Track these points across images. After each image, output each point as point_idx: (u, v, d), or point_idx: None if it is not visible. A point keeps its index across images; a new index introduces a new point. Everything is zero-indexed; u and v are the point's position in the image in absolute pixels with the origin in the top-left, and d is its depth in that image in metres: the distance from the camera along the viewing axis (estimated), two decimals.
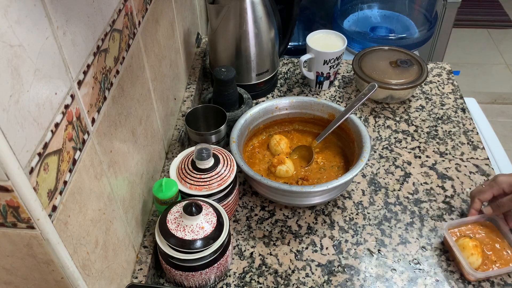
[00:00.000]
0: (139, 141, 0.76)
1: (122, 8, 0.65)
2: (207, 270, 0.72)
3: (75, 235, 0.52)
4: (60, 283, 0.52)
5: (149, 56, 0.79)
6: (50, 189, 0.46)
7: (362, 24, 1.55)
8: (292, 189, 0.80)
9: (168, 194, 0.75)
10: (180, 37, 1.03)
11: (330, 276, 0.78)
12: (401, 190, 0.92)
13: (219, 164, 0.80)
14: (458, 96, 1.14)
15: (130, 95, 0.70)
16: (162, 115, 0.89)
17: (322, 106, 0.96)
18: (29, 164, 0.42)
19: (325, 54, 1.07)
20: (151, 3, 0.79)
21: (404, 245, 0.83)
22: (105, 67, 0.60)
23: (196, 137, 0.91)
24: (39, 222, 0.44)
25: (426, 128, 1.05)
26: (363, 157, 0.83)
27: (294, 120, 0.99)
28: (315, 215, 0.88)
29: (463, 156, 0.99)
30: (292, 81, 1.19)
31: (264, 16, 1.03)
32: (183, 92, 1.08)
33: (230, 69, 0.97)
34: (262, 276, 0.78)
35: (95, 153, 0.57)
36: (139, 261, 0.75)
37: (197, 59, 1.19)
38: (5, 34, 0.38)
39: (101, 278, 0.60)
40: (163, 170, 0.91)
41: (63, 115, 0.49)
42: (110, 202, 0.63)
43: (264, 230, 0.85)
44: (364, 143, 0.86)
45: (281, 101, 0.97)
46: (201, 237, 0.69)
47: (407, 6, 1.58)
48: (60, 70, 0.48)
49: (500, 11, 3.20)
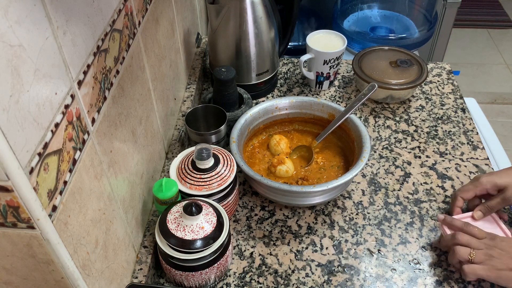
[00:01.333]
0: (139, 141, 0.76)
1: (122, 8, 0.65)
2: (207, 270, 0.72)
3: (75, 235, 0.52)
4: (60, 283, 0.52)
5: (149, 56, 0.79)
6: (50, 189, 0.46)
7: (362, 24, 1.55)
8: (292, 189, 0.80)
9: (168, 194, 0.75)
10: (180, 37, 1.03)
11: (330, 276, 0.78)
12: (401, 190, 0.92)
13: (219, 164, 0.80)
14: (458, 96, 1.14)
15: (130, 95, 0.70)
16: (162, 115, 0.89)
17: (322, 106, 0.96)
18: (29, 164, 0.42)
19: (325, 54, 1.07)
20: (151, 3, 0.79)
21: (404, 245, 0.83)
22: (105, 67, 0.60)
23: (196, 137, 0.91)
24: (39, 222, 0.44)
25: (426, 128, 1.05)
26: (363, 157, 0.83)
27: (294, 120, 0.99)
28: (315, 215, 0.88)
29: (463, 156, 0.99)
30: (292, 81, 1.19)
31: (264, 16, 1.03)
32: (183, 92, 1.08)
33: (230, 69, 0.97)
34: (262, 276, 0.78)
35: (95, 153, 0.57)
36: (139, 261, 0.75)
37: (197, 59, 1.19)
38: (5, 34, 0.38)
39: (101, 278, 0.60)
40: (163, 170, 0.91)
41: (63, 115, 0.49)
42: (110, 202, 0.63)
43: (264, 230, 0.85)
44: (364, 143, 0.86)
45: (281, 101, 0.97)
46: (201, 237, 0.69)
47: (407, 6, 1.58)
48: (60, 70, 0.48)
49: (500, 11, 3.20)
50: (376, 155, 0.99)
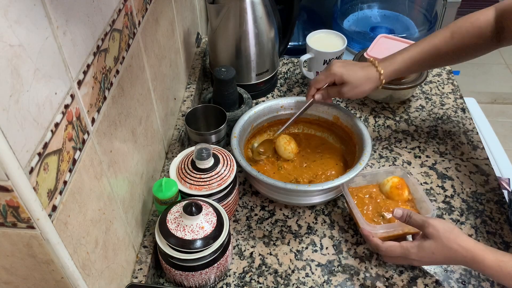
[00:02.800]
0: (139, 141, 0.76)
1: (122, 8, 0.65)
2: (207, 270, 0.72)
3: (75, 235, 0.52)
4: (60, 283, 0.52)
5: (149, 56, 0.79)
6: (50, 189, 0.46)
7: (362, 24, 1.55)
8: (287, 186, 0.79)
9: (168, 194, 0.75)
10: (180, 37, 1.03)
11: (330, 276, 0.78)
12: None
13: (219, 164, 0.80)
14: (458, 96, 1.14)
15: (130, 95, 0.70)
16: (162, 115, 0.89)
17: (327, 108, 0.96)
18: (29, 164, 0.42)
19: (325, 54, 1.07)
20: (151, 3, 0.79)
21: None
22: (105, 67, 0.60)
23: (196, 137, 0.91)
24: (39, 222, 0.44)
25: (426, 128, 1.05)
26: (362, 160, 0.83)
27: (299, 121, 0.99)
28: (315, 215, 0.88)
29: (463, 156, 0.99)
30: (292, 81, 1.19)
31: (264, 16, 1.03)
32: (183, 92, 1.08)
33: (230, 69, 0.97)
34: (262, 276, 0.78)
35: (95, 153, 0.57)
36: (139, 261, 0.75)
37: (197, 59, 1.19)
38: (5, 34, 0.38)
39: (101, 278, 0.60)
40: (163, 170, 0.91)
41: (63, 115, 0.49)
42: (110, 202, 0.63)
43: (264, 230, 0.85)
44: (365, 147, 0.86)
45: (286, 100, 0.97)
46: (201, 237, 0.69)
47: (407, 6, 1.58)
48: (60, 70, 0.48)
49: None
50: (376, 155, 0.99)
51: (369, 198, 0.84)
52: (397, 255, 0.72)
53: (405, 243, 0.72)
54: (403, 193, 0.83)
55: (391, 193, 0.83)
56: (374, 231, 0.77)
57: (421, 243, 0.70)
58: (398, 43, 1.09)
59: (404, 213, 0.74)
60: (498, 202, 0.89)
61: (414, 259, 0.71)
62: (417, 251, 0.70)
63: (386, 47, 1.08)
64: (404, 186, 0.83)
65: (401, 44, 1.08)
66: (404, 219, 0.74)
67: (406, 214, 0.74)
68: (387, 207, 0.82)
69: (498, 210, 0.87)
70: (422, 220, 0.71)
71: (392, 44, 1.09)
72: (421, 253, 0.70)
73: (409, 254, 0.71)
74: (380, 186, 0.86)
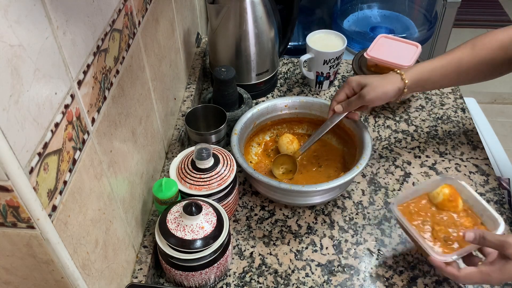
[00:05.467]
0: (139, 141, 0.76)
1: (122, 8, 0.65)
2: (207, 270, 0.72)
3: (75, 235, 0.52)
4: (60, 283, 0.52)
5: (149, 56, 0.79)
6: (50, 189, 0.46)
7: (362, 24, 1.55)
8: (281, 186, 0.79)
9: (168, 194, 0.75)
10: (180, 37, 1.03)
11: (330, 276, 0.78)
12: (401, 190, 0.92)
13: (219, 164, 0.80)
14: (458, 96, 1.14)
15: (130, 95, 0.70)
16: (162, 115, 0.89)
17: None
18: (29, 164, 0.42)
19: (325, 54, 1.07)
20: (151, 3, 0.79)
21: (404, 245, 0.83)
22: (105, 67, 0.60)
23: (196, 137, 0.91)
24: (39, 222, 0.44)
25: (426, 128, 1.05)
26: (359, 163, 0.82)
27: (303, 120, 0.99)
28: (315, 215, 0.88)
29: (463, 156, 0.99)
30: (292, 81, 1.19)
31: (264, 16, 1.03)
32: (183, 92, 1.08)
33: (230, 69, 0.97)
34: (262, 276, 0.78)
35: (95, 153, 0.57)
36: (139, 261, 0.75)
37: (197, 59, 1.19)
38: (5, 34, 0.38)
39: (101, 278, 0.60)
40: (163, 170, 0.91)
41: (63, 115, 0.49)
42: (110, 202, 0.63)
43: (264, 230, 0.85)
44: (365, 150, 0.85)
45: (291, 100, 0.97)
46: (201, 237, 0.69)
47: (407, 6, 1.58)
48: (60, 70, 0.48)
49: (500, 11, 3.20)
50: (376, 155, 0.99)
51: (424, 215, 0.76)
52: (477, 282, 0.67)
53: (484, 267, 0.67)
54: (458, 205, 0.76)
55: (445, 206, 0.76)
56: (448, 260, 0.69)
57: (503, 266, 0.64)
58: (398, 43, 1.09)
59: (476, 236, 0.68)
60: (498, 202, 0.89)
61: (495, 282, 0.67)
62: (499, 276, 0.65)
63: (386, 47, 1.08)
64: (457, 197, 0.76)
65: (401, 44, 1.09)
66: (478, 242, 0.68)
67: (479, 236, 0.67)
68: (446, 224, 0.74)
69: (498, 210, 0.87)
70: (499, 240, 0.65)
71: (392, 44, 1.09)
72: (504, 276, 0.65)
73: (491, 279, 0.66)
74: (429, 197, 0.78)
